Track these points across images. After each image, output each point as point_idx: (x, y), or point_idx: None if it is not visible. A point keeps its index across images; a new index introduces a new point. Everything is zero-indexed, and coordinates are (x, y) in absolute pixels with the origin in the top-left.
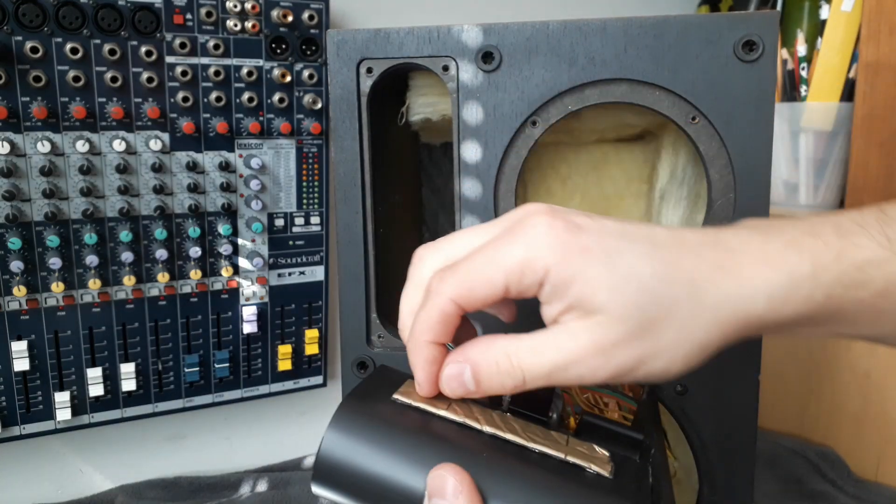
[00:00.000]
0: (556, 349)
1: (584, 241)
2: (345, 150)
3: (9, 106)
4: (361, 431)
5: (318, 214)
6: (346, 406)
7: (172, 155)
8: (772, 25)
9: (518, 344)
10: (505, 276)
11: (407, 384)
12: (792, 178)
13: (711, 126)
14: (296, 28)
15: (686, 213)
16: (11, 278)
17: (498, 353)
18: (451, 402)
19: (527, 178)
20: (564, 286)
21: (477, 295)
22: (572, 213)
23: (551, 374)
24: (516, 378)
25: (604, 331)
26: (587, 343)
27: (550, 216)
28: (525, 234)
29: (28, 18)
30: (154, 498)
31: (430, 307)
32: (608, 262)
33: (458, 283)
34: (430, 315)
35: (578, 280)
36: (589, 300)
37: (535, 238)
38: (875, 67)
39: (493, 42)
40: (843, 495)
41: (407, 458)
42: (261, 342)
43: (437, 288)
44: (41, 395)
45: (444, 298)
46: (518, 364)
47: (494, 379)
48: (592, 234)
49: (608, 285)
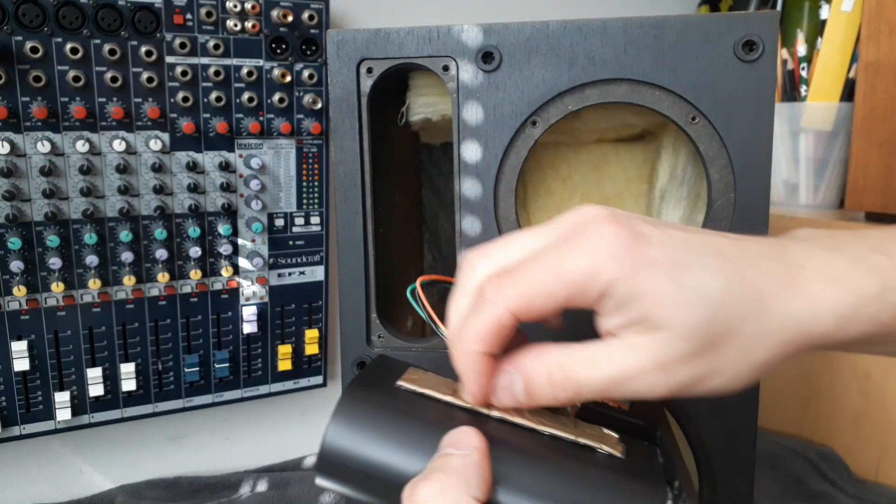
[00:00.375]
0: (613, 363)
1: (651, 253)
2: (345, 150)
3: (9, 106)
4: (367, 419)
5: (318, 214)
6: (350, 395)
7: (172, 155)
8: (772, 25)
9: (572, 355)
10: (567, 287)
11: (410, 371)
12: (792, 178)
13: (711, 126)
14: (296, 28)
15: (686, 213)
16: (11, 278)
17: (551, 363)
18: (456, 389)
19: (527, 178)
20: (629, 300)
21: (535, 306)
22: (636, 221)
23: (606, 389)
24: (569, 390)
25: (666, 348)
26: (648, 359)
27: (615, 224)
28: (589, 243)
29: (28, 18)
30: (154, 498)
31: (485, 316)
32: (675, 276)
33: (516, 293)
34: (483, 324)
35: (644, 295)
36: (653, 316)
37: (600, 248)
38: (875, 67)
39: (493, 42)
40: (843, 495)
41: (415, 444)
42: (261, 342)
43: (493, 297)
44: (41, 395)
45: (500, 308)
46: (573, 376)
47: (546, 391)
48: (659, 245)
49: (675, 301)
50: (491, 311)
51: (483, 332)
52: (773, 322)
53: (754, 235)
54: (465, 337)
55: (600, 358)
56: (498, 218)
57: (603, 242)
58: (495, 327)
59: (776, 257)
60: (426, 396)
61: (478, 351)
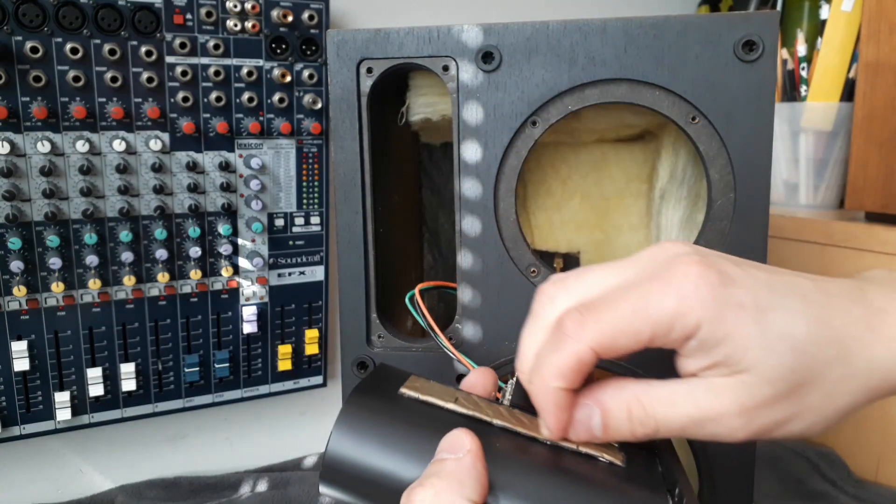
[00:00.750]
0: (693, 403)
1: (738, 296)
2: (345, 150)
3: (9, 106)
4: (369, 427)
5: (318, 214)
6: (352, 403)
7: (172, 155)
8: (772, 25)
9: (652, 392)
10: (652, 327)
11: (411, 379)
12: (792, 178)
13: (711, 126)
14: (296, 28)
15: (686, 213)
16: (11, 278)
17: (630, 398)
18: (458, 397)
19: (527, 178)
20: (714, 343)
21: (619, 345)
22: (720, 260)
23: (685, 428)
24: (648, 427)
25: (750, 391)
26: (730, 402)
27: (702, 265)
28: (676, 284)
29: (28, 18)
30: (154, 498)
31: (566, 353)
32: (761, 319)
33: (600, 331)
34: (564, 361)
35: (730, 339)
36: (738, 359)
37: (687, 289)
38: (875, 67)
39: (493, 42)
40: (843, 495)
41: (416, 451)
42: (261, 342)
43: (576, 333)
44: (41, 395)
45: (582, 346)
46: (651, 413)
47: (625, 426)
48: (744, 287)
49: (761, 345)
50: (572, 347)
51: (564, 368)
52: (857, 367)
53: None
54: (544, 373)
55: (681, 396)
56: (498, 218)
57: (690, 283)
58: (576, 364)
59: (857, 300)
60: (428, 404)
61: (558, 387)
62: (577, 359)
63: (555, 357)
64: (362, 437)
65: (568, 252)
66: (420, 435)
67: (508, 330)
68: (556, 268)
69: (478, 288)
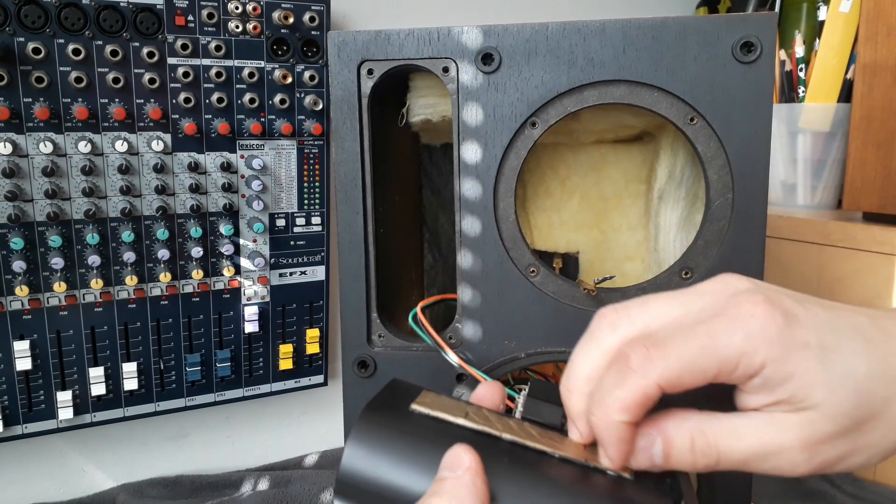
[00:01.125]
0: (757, 437)
1: (802, 335)
2: (346, 150)
3: (11, 107)
4: (381, 443)
5: (319, 215)
6: (364, 419)
7: (174, 155)
8: (770, 27)
9: (715, 424)
10: (718, 365)
11: (423, 395)
12: (790, 179)
13: (710, 127)
14: (297, 29)
15: (684, 214)
16: (14, 278)
17: (694, 429)
18: (469, 411)
19: (526, 178)
20: (779, 382)
21: (685, 382)
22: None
23: (747, 461)
24: (710, 458)
25: (814, 428)
26: (794, 438)
27: (767, 304)
28: (742, 323)
29: (30, 20)
30: (156, 497)
31: (632, 388)
32: (824, 359)
33: (667, 367)
34: (631, 396)
35: (795, 377)
36: (803, 397)
37: (754, 329)
38: (873, 68)
39: (492, 43)
40: (841, 494)
41: (426, 467)
42: (262, 341)
43: (642, 369)
44: (43, 395)
45: (649, 382)
46: (714, 444)
47: (687, 456)
48: (808, 327)
49: (825, 384)
50: (639, 382)
51: (629, 403)
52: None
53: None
54: (608, 406)
55: (744, 430)
56: (497, 218)
57: (757, 323)
58: (642, 399)
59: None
60: (438, 419)
61: (622, 421)
62: (643, 394)
63: (620, 392)
64: (373, 453)
65: (567, 252)
66: (429, 451)
67: (508, 329)
68: (555, 267)
69: (478, 288)
